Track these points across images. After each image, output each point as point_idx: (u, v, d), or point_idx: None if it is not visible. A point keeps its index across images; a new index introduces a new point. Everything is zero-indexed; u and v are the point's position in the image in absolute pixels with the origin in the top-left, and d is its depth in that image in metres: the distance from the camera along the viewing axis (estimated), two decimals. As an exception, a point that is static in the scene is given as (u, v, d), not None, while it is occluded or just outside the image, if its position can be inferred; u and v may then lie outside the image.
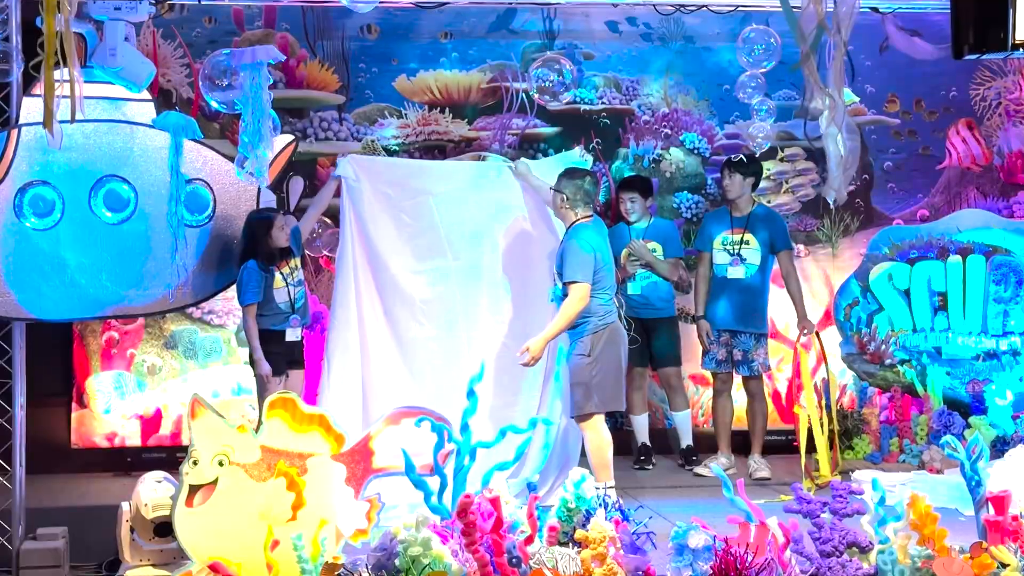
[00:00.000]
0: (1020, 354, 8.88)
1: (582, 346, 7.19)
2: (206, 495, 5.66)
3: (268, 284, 7.64)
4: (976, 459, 6.05)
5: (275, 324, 7.73)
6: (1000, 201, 9.58)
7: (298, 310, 7.80)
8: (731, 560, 5.41)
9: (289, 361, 7.81)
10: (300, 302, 7.82)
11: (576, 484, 6.06)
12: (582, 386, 7.20)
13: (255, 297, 7.60)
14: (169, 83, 8.79)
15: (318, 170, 9.02)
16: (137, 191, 7.29)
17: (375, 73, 9.15)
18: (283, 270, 7.71)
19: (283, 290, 7.72)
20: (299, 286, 7.81)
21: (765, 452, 8.53)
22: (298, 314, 7.78)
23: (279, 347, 7.73)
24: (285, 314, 7.73)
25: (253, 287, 7.57)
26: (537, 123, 9.30)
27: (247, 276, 7.56)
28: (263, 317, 7.68)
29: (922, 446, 8.51)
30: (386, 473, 6.04)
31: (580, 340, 7.20)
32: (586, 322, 7.18)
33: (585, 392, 7.19)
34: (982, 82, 9.57)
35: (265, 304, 7.66)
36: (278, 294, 7.70)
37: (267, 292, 7.65)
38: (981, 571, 5.51)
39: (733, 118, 9.36)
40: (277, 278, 7.68)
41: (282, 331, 7.75)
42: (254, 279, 7.57)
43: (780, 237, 8.48)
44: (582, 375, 7.20)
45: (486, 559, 5.48)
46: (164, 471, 6.11)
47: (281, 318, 7.73)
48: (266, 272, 7.60)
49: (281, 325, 7.74)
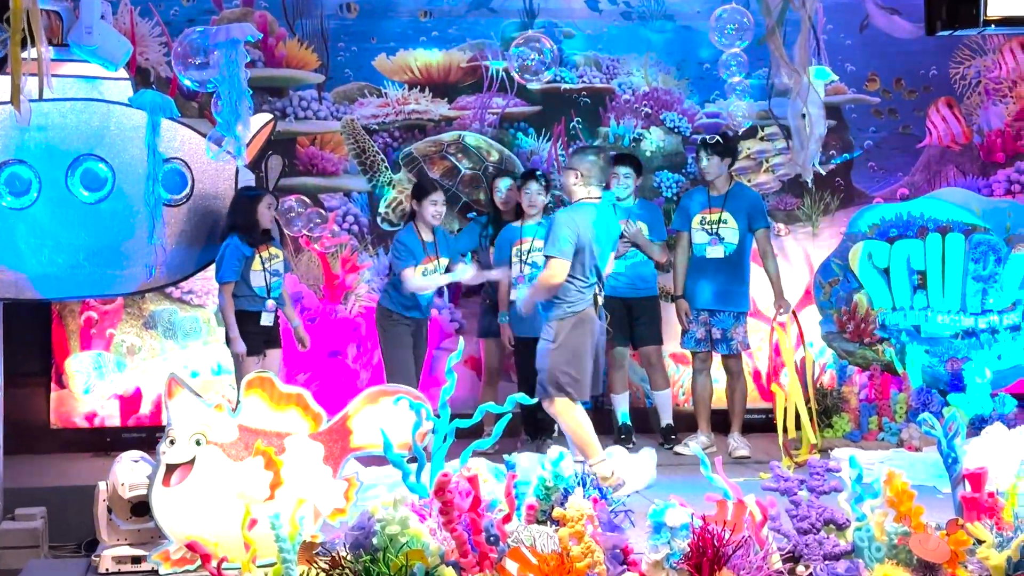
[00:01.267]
0: (998, 332, 8.91)
1: (548, 331, 7.08)
2: (183, 474, 5.67)
3: (246, 265, 7.64)
4: (953, 437, 6.07)
5: (250, 305, 7.74)
6: (980, 179, 9.60)
7: (274, 299, 7.80)
8: (708, 538, 5.42)
9: (266, 341, 7.82)
10: (276, 292, 7.82)
11: (554, 462, 6.06)
12: (544, 371, 7.09)
13: (233, 275, 7.59)
14: (147, 62, 8.75)
15: (297, 149, 8.99)
16: (114, 170, 7.27)
17: (354, 52, 9.12)
18: (262, 254, 7.70)
19: (260, 274, 7.71)
20: (276, 276, 7.79)
21: (745, 431, 8.55)
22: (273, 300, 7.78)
23: (255, 327, 7.74)
24: (260, 298, 7.73)
25: (232, 265, 7.57)
26: (517, 102, 9.28)
27: (227, 253, 7.56)
28: (238, 298, 7.68)
29: (901, 424, 8.53)
30: (364, 452, 6.05)
31: (547, 325, 7.09)
32: (555, 306, 7.06)
33: (548, 377, 7.06)
34: (962, 60, 9.57)
35: (241, 285, 7.66)
36: (254, 277, 7.70)
37: (244, 273, 7.64)
38: (957, 547, 5.52)
39: (713, 97, 9.35)
40: (255, 261, 7.67)
41: (257, 312, 7.75)
42: (234, 257, 7.57)
43: (758, 216, 8.48)
44: (544, 360, 7.10)
45: (464, 537, 5.47)
46: (144, 451, 6.10)
47: (256, 301, 7.73)
48: (246, 251, 7.59)
49: (256, 307, 7.74)
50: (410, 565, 5.26)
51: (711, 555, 5.39)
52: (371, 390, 6.16)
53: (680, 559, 5.45)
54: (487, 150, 9.22)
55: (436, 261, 8.16)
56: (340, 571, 5.29)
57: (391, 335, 8.20)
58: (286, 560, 5.31)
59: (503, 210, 8.50)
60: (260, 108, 8.58)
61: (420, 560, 5.31)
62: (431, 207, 8.14)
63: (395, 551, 5.28)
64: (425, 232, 8.18)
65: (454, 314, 9.21)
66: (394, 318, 8.19)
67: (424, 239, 8.16)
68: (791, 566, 5.52)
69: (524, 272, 8.30)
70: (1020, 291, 8.90)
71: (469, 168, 9.20)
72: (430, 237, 8.20)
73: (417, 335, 8.26)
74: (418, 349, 8.29)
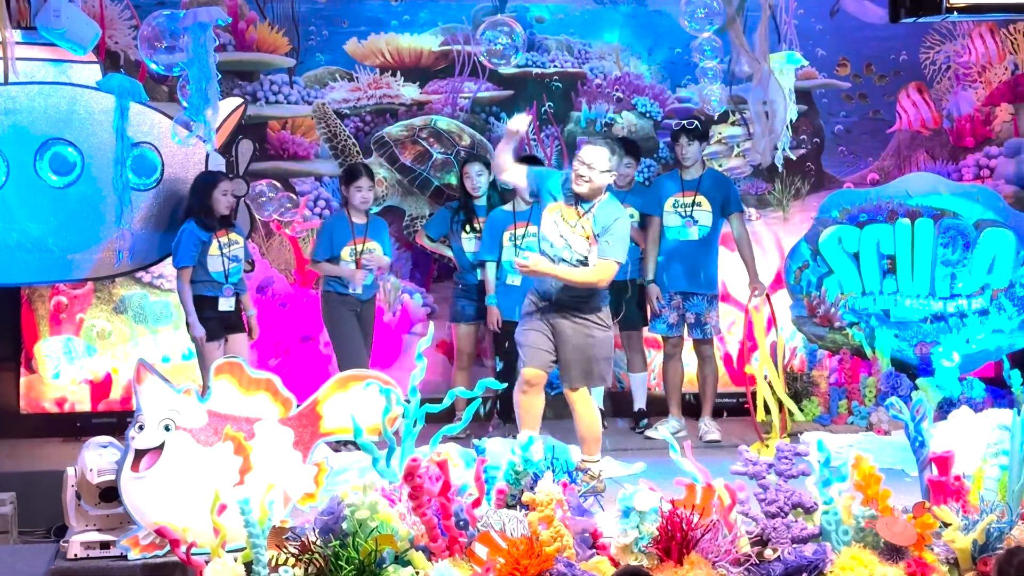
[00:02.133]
0: (967, 316, 8.96)
1: (600, 318, 6.94)
2: (152, 460, 5.65)
3: (203, 250, 7.61)
4: (920, 420, 6.11)
5: (208, 291, 7.72)
6: (949, 164, 9.64)
7: (233, 284, 7.77)
8: (677, 522, 5.45)
9: (226, 326, 7.81)
10: (235, 278, 7.79)
11: (524, 447, 6.07)
12: (599, 360, 6.95)
13: (189, 261, 7.57)
14: (116, 45, 8.68)
15: (268, 134, 8.96)
16: (83, 154, 7.24)
17: (325, 36, 9.09)
18: (221, 239, 7.68)
19: (217, 259, 7.69)
20: (236, 262, 7.77)
21: (715, 415, 8.58)
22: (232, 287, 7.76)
23: (213, 312, 7.72)
24: (217, 283, 7.71)
25: (188, 250, 7.55)
26: (489, 87, 9.27)
27: (184, 238, 7.55)
28: (196, 283, 7.66)
29: (870, 408, 8.57)
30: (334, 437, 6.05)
31: (598, 314, 6.92)
32: (603, 298, 6.97)
33: (599, 364, 6.97)
34: (932, 46, 9.60)
35: (199, 270, 7.64)
36: (211, 262, 7.68)
37: (202, 258, 7.62)
38: (923, 530, 5.57)
39: (685, 82, 9.35)
40: (213, 246, 7.65)
41: (215, 298, 7.74)
42: (190, 242, 7.55)
43: (732, 200, 8.50)
44: (603, 348, 6.96)
45: (434, 522, 5.49)
46: (114, 436, 6.07)
47: (214, 286, 7.71)
48: (202, 236, 7.56)
49: (214, 292, 7.73)
50: (379, 550, 5.27)
51: (680, 539, 5.43)
52: (341, 375, 6.15)
53: (649, 543, 5.48)
54: (459, 134, 9.21)
55: (364, 243, 8.15)
56: (310, 556, 5.30)
57: (335, 317, 8.20)
58: (255, 545, 5.32)
59: (473, 196, 8.49)
60: (231, 92, 8.58)
61: (390, 545, 5.33)
62: (357, 193, 8.13)
63: (364, 536, 5.29)
64: (357, 216, 8.18)
65: (426, 299, 9.20)
66: (336, 300, 8.18)
67: (355, 222, 8.16)
68: (759, 549, 5.54)
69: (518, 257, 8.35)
70: (988, 276, 8.95)
71: (441, 152, 9.19)
72: (362, 220, 8.20)
73: (362, 316, 8.25)
74: (364, 330, 8.28)
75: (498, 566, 5.32)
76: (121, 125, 7.07)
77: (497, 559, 5.35)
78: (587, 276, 6.79)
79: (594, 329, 6.91)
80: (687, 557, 5.42)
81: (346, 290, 8.14)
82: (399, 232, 9.13)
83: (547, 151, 9.28)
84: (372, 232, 8.23)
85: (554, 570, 5.32)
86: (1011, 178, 9.64)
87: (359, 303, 8.21)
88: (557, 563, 5.34)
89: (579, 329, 6.89)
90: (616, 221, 6.78)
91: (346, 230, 8.12)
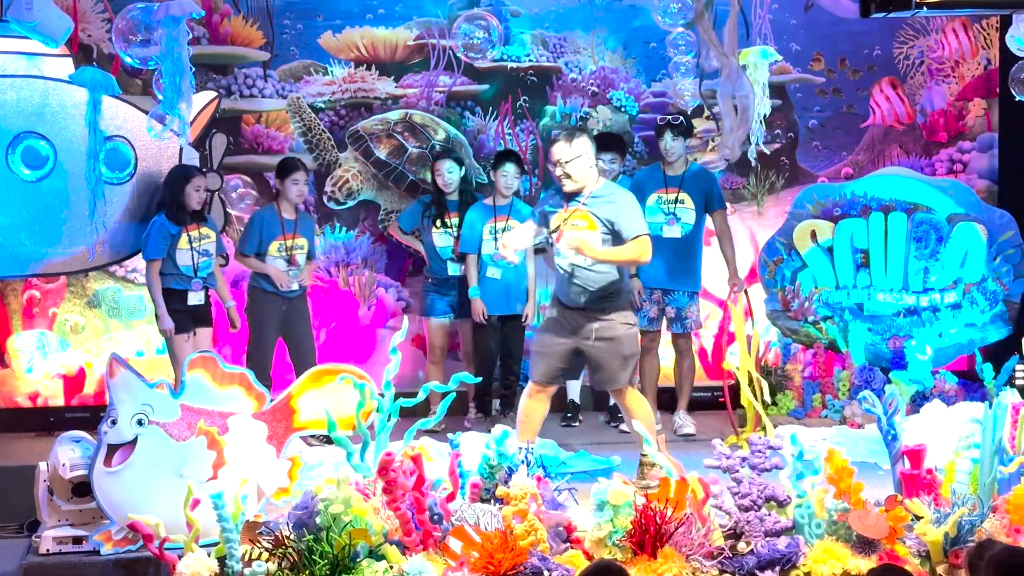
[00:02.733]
0: (939, 310, 9.01)
1: (628, 316, 6.90)
2: (125, 455, 5.64)
3: (173, 244, 7.58)
4: (892, 414, 6.14)
5: (177, 284, 7.70)
6: (923, 159, 9.68)
7: (202, 278, 7.75)
8: (651, 515, 5.47)
9: (195, 320, 7.78)
10: (204, 272, 7.76)
11: (498, 441, 6.08)
12: (634, 357, 6.94)
13: (158, 253, 7.55)
14: (90, 38, 8.63)
15: (243, 127, 8.93)
16: (56, 148, 7.20)
17: (300, 30, 9.06)
18: (191, 233, 7.65)
19: (187, 253, 7.66)
20: (206, 256, 7.74)
21: (691, 409, 8.60)
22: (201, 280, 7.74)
23: (182, 306, 7.70)
24: (187, 277, 7.68)
25: (158, 243, 7.53)
26: (464, 80, 9.26)
27: (153, 231, 7.53)
28: (165, 276, 7.63)
29: (844, 402, 8.61)
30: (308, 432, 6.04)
31: (622, 312, 6.85)
32: (623, 294, 6.91)
33: (636, 363, 6.98)
34: (905, 41, 9.64)
35: (168, 263, 7.62)
36: (180, 255, 7.65)
37: (171, 251, 7.59)
38: (896, 523, 5.60)
39: (660, 76, 9.36)
40: (183, 239, 7.62)
41: (184, 291, 7.71)
42: (159, 235, 7.53)
43: (715, 197, 8.50)
44: (634, 346, 6.94)
45: (408, 516, 5.49)
46: (88, 431, 6.05)
47: (183, 279, 7.68)
48: (172, 229, 7.54)
49: (183, 285, 7.70)
50: (353, 544, 5.27)
51: (653, 532, 5.45)
52: (315, 369, 6.15)
53: (623, 536, 5.50)
54: (433, 128, 9.20)
55: (294, 239, 8.14)
56: (283, 550, 5.30)
57: (256, 316, 8.17)
58: (229, 540, 5.31)
59: (445, 192, 8.48)
60: (204, 86, 8.54)
61: (363, 539, 5.33)
62: (293, 187, 8.11)
63: (338, 530, 5.29)
64: (287, 211, 8.17)
65: (400, 293, 9.19)
66: (261, 297, 8.15)
67: (284, 217, 8.14)
68: (732, 543, 5.56)
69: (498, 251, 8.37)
70: (961, 270, 9.00)
71: (416, 147, 9.17)
72: (291, 215, 8.18)
73: (290, 314, 8.23)
74: (297, 326, 8.25)
75: (472, 560, 5.33)
76: (94, 119, 7.03)
77: (471, 553, 5.35)
78: (629, 253, 6.69)
79: (620, 328, 6.82)
80: (661, 550, 5.43)
81: (271, 287, 8.12)
82: (374, 226, 9.12)
83: (522, 145, 9.27)
84: (301, 228, 8.22)
85: (528, 564, 5.33)
86: (984, 173, 9.69)
87: (285, 301, 8.18)
88: (531, 557, 5.35)
89: (607, 330, 6.79)
90: (618, 202, 6.72)
91: (275, 225, 8.10)
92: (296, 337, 8.22)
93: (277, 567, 5.27)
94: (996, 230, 9.08)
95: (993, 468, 5.98)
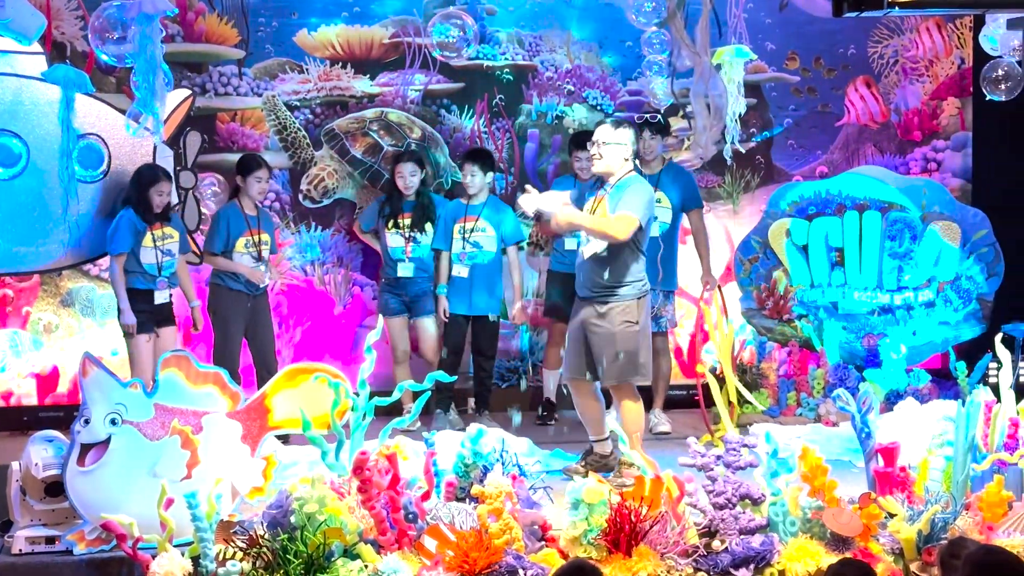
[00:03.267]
0: (914, 309, 9.04)
1: (627, 312, 6.81)
2: (98, 454, 5.61)
3: (138, 241, 7.54)
4: (866, 412, 6.17)
5: (141, 283, 7.64)
6: (897, 158, 9.72)
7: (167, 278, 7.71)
8: (626, 514, 5.47)
9: (158, 320, 7.74)
10: (169, 271, 7.72)
11: (473, 440, 6.08)
12: (629, 354, 6.82)
13: (125, 246, 7.50)
14: (63, 36, 8.59)
15: (217, 125, 8.90)
16: (28, 146, 7.16)
17: (275, 27, 9.04)
18: (155, 232, 7.60)
19: (151, 251, 7.61)
20: (169, 256, 7.69)
21: (666, 407, 8.61)
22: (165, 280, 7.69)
23: (146, 305, 7.65)
24: (151, 275, 7.64)
25: (126, 237, 7.48)
26: (440, 79, 9.25)
27: (121, 224, 7.48)
28: (129, 274, 7.58)
29: (818, 400, 8.64)
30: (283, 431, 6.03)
31: (622, 305, 6.81)
32: (629, 286, 6.83)
33: (631, 360, 6.82)
34: (880, 40, 9.68)
35: (132, 261, 7.57)
36: (144, 253, 7.60)
37: (136, 249, 7.55)
38: (869, 521, 5.63)
39: (636, 75, 9.37)
40: (147, 238, 7.58)
41: (149, 290, 7.67)
42: (128, 229, 7.48)
43: (691, 196, 8.52)
44: (630, 342, 6.82)
45: (382, 515, 5.49)
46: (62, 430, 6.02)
47: (147, 278, 7.64)
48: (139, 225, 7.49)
49: (147, 284, 7.65)
50: (328, 543, 5.26)
51: (628, 531, 5.45)
52: (290, 368, 6.14)
53: (598, 535, 5.50)
54: (409, 127, 9.19)
55: (259, 235, 8.13)
56: (258, 550, 5.28)
57: (221, 312, 8.12)
58: (203, 539, 5.30)
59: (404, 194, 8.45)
60: (179, 84, 8.50)
61: (338, 538, 5.32)
62: (256, 184, 8.10)
63: (313, 529, 5.28)
64: (248, 207, 8.15)
65: (376, 291, 9.17)
66: (224, 293, 8.11)
67: (247, 214, 8.12)
68: (707, 541, 5.57)
69: (467, 250, 8.36)
70: (935, 268, 9.03)
71: (392, 145, 9.16)
72: (254, 212, 8.17)
73: (255, 310, 8.20)
74: (260, 324, 8.23)
75: (447, 559, 5.33)
76: (67, 116, 6.99)
77: (446, 552, 5.35)
78: (603, 224, 6.70)
79: (618, 323, 6.80)
80: (636, 549, 5.44)
81: (237, 284, 8.10)
82: (350, 225, 9.10)
83: (498, 144, 9.27)
84: (264, 224, 8.22)
85: (503, 562, 5.33)
86: (958, 171, 9.73)
87: (251, 298, 8.16)
88: (506, 555, 5.35)
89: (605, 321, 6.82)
90: (630, 187, 6.76)
91: (240, 221, 8.08)
92: (259, 335, 8.19)
93: (251, 566, 5.26)
94: (970, 229, 9.11)
95: (966, 466, 6.02)
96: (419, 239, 8.43)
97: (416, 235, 8.43)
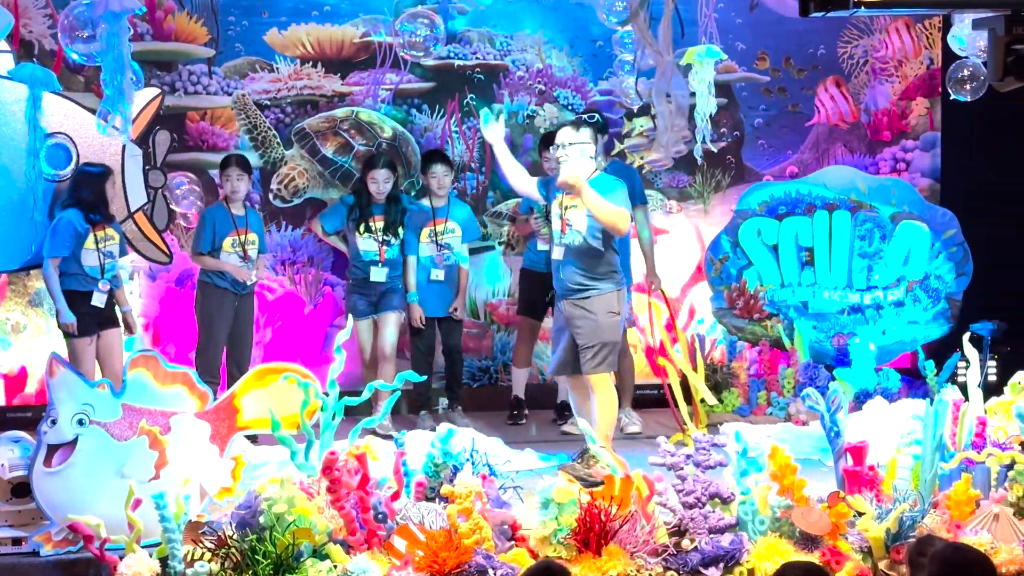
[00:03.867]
0: (883, 308, 9.08)
1: (608, 303, 6.91)
2: (65, 455, 5.58)
3: (78, 243, 7.45)
4: (835, 411, 6.18)
5: (81, 285, 7.54)
6: (867, 158, 9.75)
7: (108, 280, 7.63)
8: (595, 513, 5.48)
9: (99, 322, 7.65)
10: (111, 273, 7.64)
11: (443, 440, 6.07)
12: (611, 344, 6.91)
13: (64, 250, 7.39)
14: (31, 34, 8.52)
15: (187, 124, 8.86)
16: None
17: (245, 26, 8.99)
18: (97, 233, 7.52)
19: (93, 253, 7.51)
20: (111, 257, 7.62)
21: (635, 406, 8.61)
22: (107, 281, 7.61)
23: (87, 308, 7.55)
24: (92, 278, 7.55)
25: (64, 240, 7.37)
26: (411, 78, 9.23)
27: (60, 226, 7.37)
28: (69, 276, 7.48)
29: (789, 399, 8.66)
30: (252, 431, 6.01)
31: (602, 297, 6.90)
32: (609, 279, 6.94)
33: (611, 349, 6.91)
34: (850, 40, 9.70)
35: (72, 263, 7.47)
36: (86, 256, 7.49)
37: (76, 251, 7.46)
38: (838, 520, 5.65)
39: (606, 74, 9.37)
40: (89, 240, 7.48)
41: (88, 292, 7.57)
42: (67, 231, 7.38)
43: (635, 192, 8.47)
44: (611, 333, 6.91)
45: (352, 516, 5.48)
46: (29, 431, 5.99)
47: (88, 281, 7.54)
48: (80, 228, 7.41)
49: (88, 287, 7.55)
50: (297, 543, 5.25)
51: (598, 530, 5.46)
52: (259, 368, 6.13)
53: (567, 534, 5.50)
54: (380, 126, 9.16)
55: (246, 234, 8.11)
56: (226, 550, 5.26)
57: (209, 310, 8.09)
58: (171, 540, 5.28)
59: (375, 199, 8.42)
60: (149, 82, 8.45)
61: (307, 538, 5.31)
62: (226, 182, 8.08)
63: (282, 530, 5.26)
64: (236, 207, 8.12)
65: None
66: (213, 292, 8.08)
67: (234, 213, 8.09)
68: (677, 540, 5.59)
69: (442, 253, 8.35)
70: (904, 267, 9.07)
71: (363, 144, 9.13)
72: (241, 211, 8.14)
73: (240, 310, 8.17)
74: (242, 324, 8.20)
75: (416, 559, 5.32)
76: (34, 115, 6.95)
77: (416, 552, 5.35)
78: (614, 214, 6.79)
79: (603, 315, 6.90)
80: (605, 548, 5.45)
81: (224, 283, 8.07)
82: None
83: (468, 144, 9.26)
84: (252, 223, 8.18)
85: (473, 562, 5.33)
86: (927, 171, 9.77)
87: (238, 297, 8.13)
88: (476, 555, 5.36)
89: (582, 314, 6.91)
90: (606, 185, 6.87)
91: (227, 221, 8.05)
92: (239, 333, 8.17)
93: (220, 567, 5.24)
94: (938, 228, 9.16)
95: (934, 464, 6.05)
96: (392, 242, 8.40)
97: (389, 239, 8.40)
